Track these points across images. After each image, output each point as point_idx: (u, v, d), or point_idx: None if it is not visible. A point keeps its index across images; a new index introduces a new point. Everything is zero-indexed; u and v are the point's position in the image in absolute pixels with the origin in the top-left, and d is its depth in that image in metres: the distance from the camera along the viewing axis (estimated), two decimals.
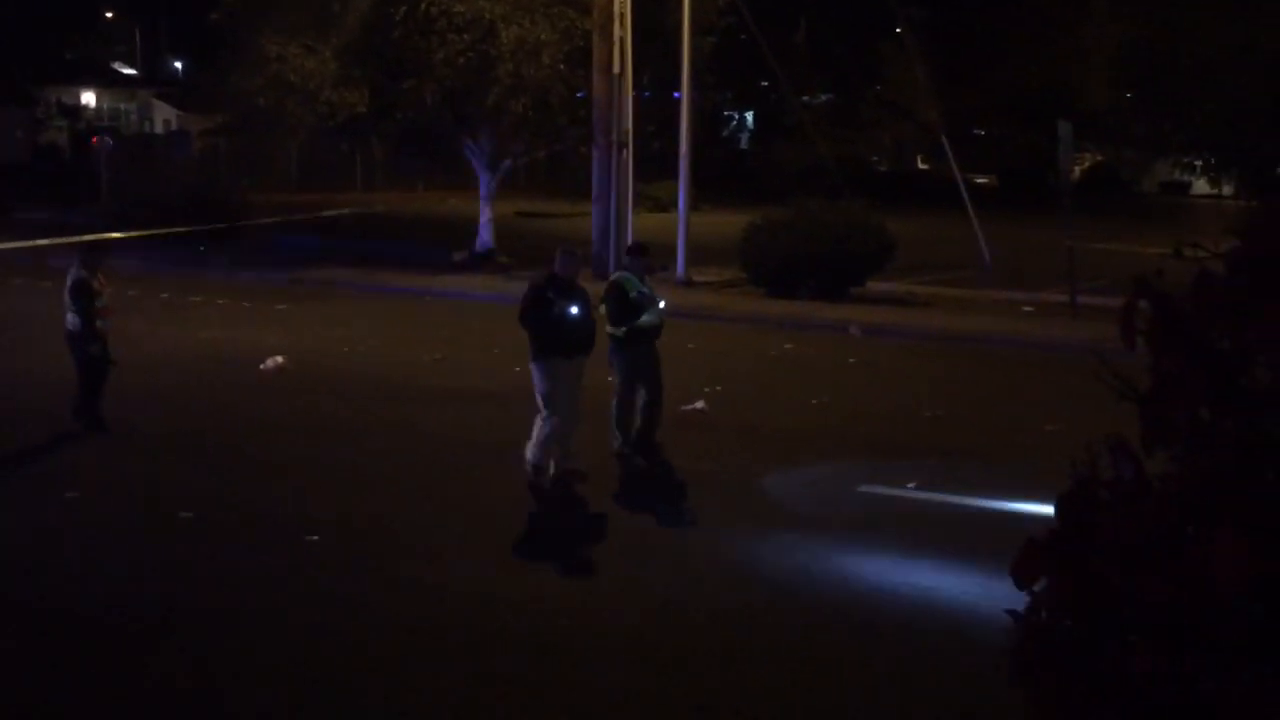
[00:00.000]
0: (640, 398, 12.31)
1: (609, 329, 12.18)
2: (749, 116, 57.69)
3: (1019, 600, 3.13)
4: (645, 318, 12.26)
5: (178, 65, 79.59)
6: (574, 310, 11.31)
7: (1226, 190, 44.62)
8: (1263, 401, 2.83)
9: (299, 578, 8.94)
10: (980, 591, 8.63)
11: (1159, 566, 2.78)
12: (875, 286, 23.52)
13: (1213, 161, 37.82)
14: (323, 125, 27.49)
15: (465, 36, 25.68)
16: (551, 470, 11.26)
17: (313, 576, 8.97)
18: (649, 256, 13.03)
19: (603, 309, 12.17)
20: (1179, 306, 2.99)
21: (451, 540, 9.87)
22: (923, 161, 53.77)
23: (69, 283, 13.05)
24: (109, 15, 79.10)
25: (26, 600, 8.54)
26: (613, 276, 12.81)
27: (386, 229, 32.68)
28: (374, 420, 13.83)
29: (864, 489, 11.34)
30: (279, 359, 16.68)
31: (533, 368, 11.35)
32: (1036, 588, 3.04)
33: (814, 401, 14.99)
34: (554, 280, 11.51)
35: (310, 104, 26.73)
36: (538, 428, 11.26)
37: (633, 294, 12.22)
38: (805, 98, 50.17)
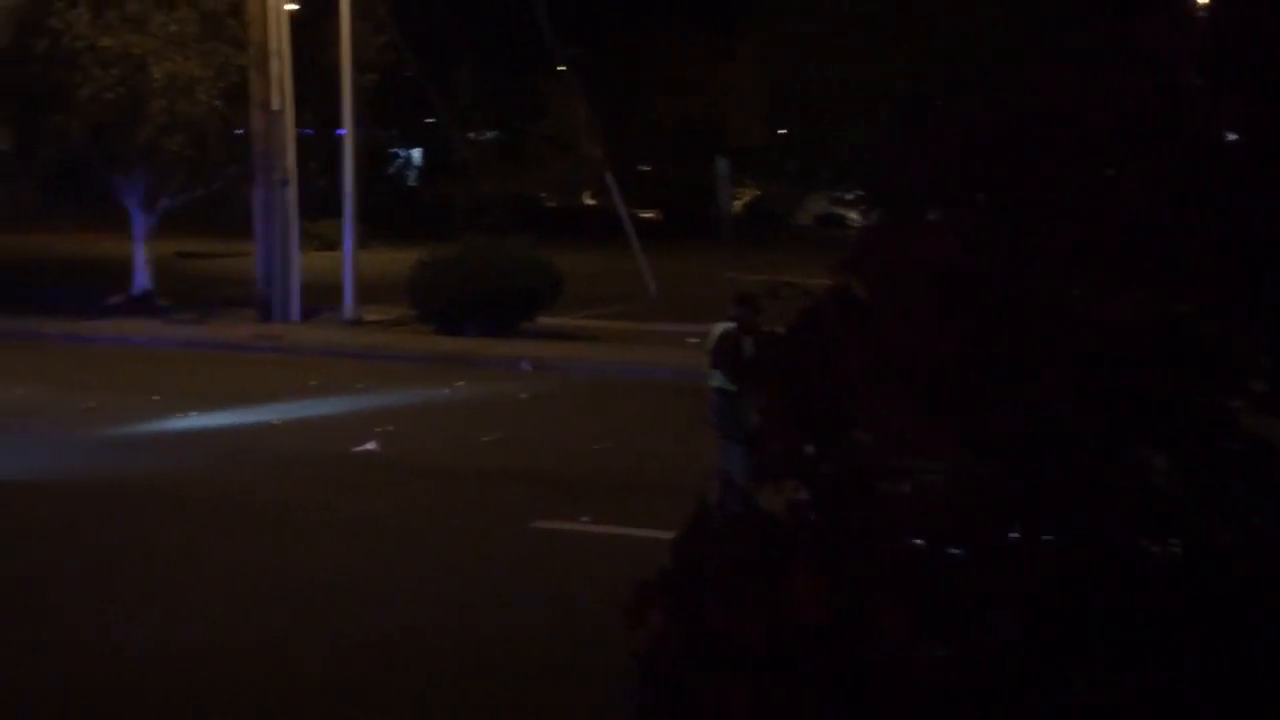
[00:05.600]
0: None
1: (720, 384, 11.50)
2: (416, 154, 57.39)
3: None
4: None
5: None
6: None
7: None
8: (853, 437, 2.92)
9: None
10: None
11: (754, 603, 2.83)
12: (545, 321, 23.70)
13: (863, 195, 39.79)
14: None
15: (113, 71, 24.68)
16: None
17: None
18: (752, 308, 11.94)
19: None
20: (780, 342, 3.07)
21: (119, 602, 9.38)
22: (590, 197, 54.60)
23: None
24: None
25: None
26: (723, 327, 11.88)
27: (36, 272, 31.00)
28: (31, 470, 13.04)
29: (536, 525, 11.35)
30: None
31: None
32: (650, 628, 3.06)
33: (486, 438, 14.96)
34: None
35: None
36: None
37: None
38: (471, 135, 50.30)
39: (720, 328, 11.87)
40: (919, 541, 2.78)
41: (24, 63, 24.97)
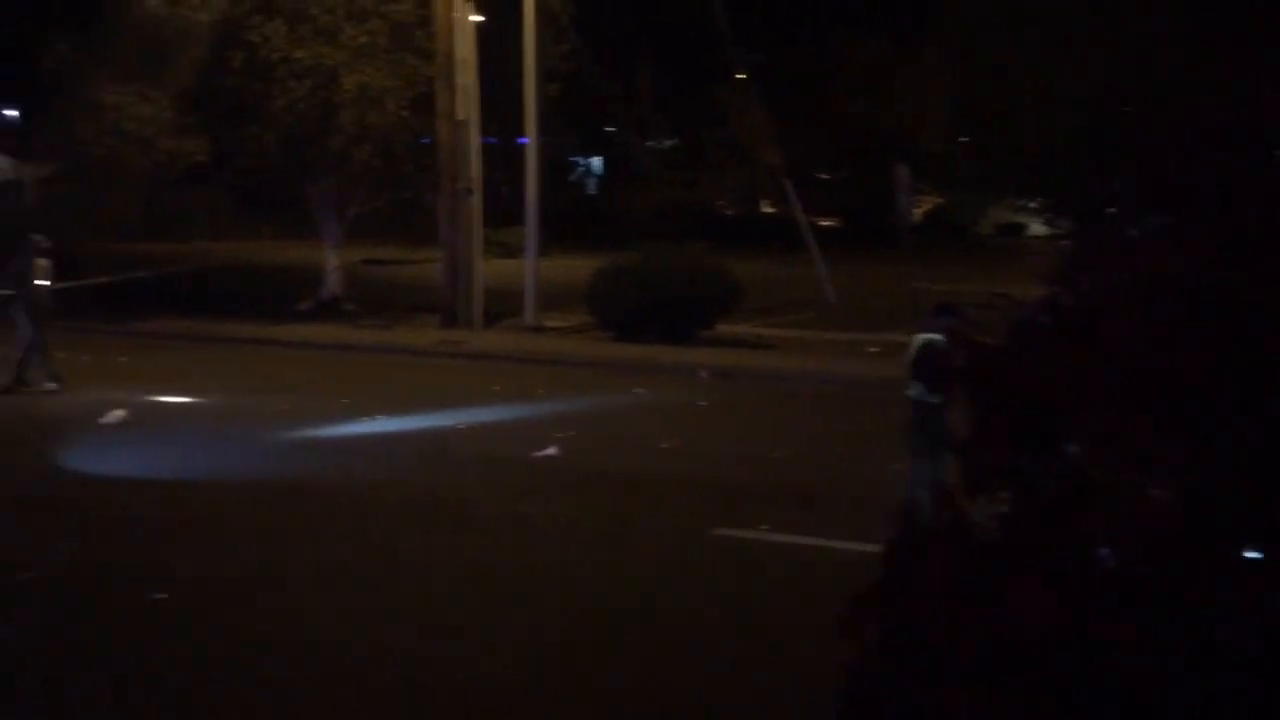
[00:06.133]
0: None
1: (923, 396, 11.26)
2: (596, 162, 57.92)
3: None
4: None
5: (10, 112, 77.54)
6: None
7: (1060, 231, 45.90)
8: (1075, 449, 2.85)
9: (148, 639, 8.64)
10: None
11: (974, 616, 2.77)
12: (723, 329, 23.70)
13: (1047, 203, 38.93)
14: (163, 174, 26.96)
15: (306, 83, 25.40)
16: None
17: (163, 638, 8.68)
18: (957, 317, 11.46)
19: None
20: (994, 354, 3.01)
21: (319, 602, 9.63)
22: (768, 205, 54.46)
23: None
24: None
25: None
26: (925, 338, 11.42)
27: (231, 278, 32.07)
28: (228, 470, 13.48)
29: (714, 532, 11.34)
30: (120, 412, 16.22)
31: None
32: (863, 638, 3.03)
33: (664, 445, 15.00)
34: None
35: (148, 152, 26.22)
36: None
37: None
38: (650, 143, 50.60)
39: (921, 338, 11.54)
40: (1147, 555, 2.70)
41: (221, 76, 25.85)
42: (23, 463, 13.70)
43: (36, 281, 18.05)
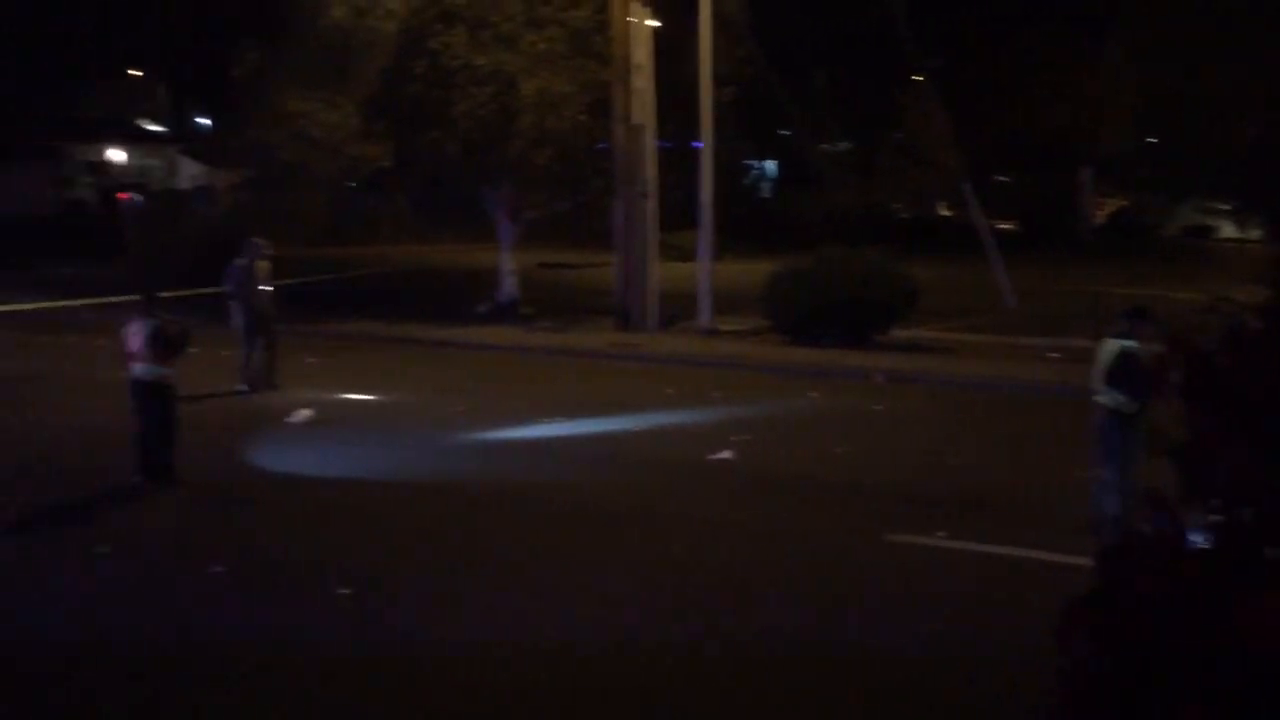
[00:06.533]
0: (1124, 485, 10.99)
1: (1117, 404, 11.01)
2: (770, 165, 57.80)
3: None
4: None
5: (204, 121, 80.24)
6: None
7: (1252, 234, 44.44)
8: None
9: (329, 632, 8.88)
10: (1024, 642, 8.53)
11: (1202, 626, 2.70)
12: (899, 334, 23.46)
13: (1238, 205, 37.73)
14: (347, 180, 27.67)
15: (486, 89, 25.83)
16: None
17: (344, 632, 8.90)
18: (1151, 322, 11.17)
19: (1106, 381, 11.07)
20: (1213, 360, 2.93)
21: (495, 601, 9.79)
22: (945, 208, 53.74)
23: (146, 332, 12.94)
24: (136, 73, 79.88)
25: (51, 651, 8.50)
26: (1121, 345, 11.12)
27: (411, 281, 32.77)
28: (408, 470, 13.79)
29: (891, 538, 11.24)
30: (307, 412, 16.69)
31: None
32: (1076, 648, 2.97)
33: (839, 449, 14.91)
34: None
35: (333, 158, 26.94)
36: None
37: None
38: (825, 146, 50.29)
39: (1115, 345, 11.19)
40: None
41: (404, 83, 26.44)
42: (214, 459, 14.18)
43: (259, 286, 18.54)
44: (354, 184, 27.92)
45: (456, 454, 14.75)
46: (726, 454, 14.46)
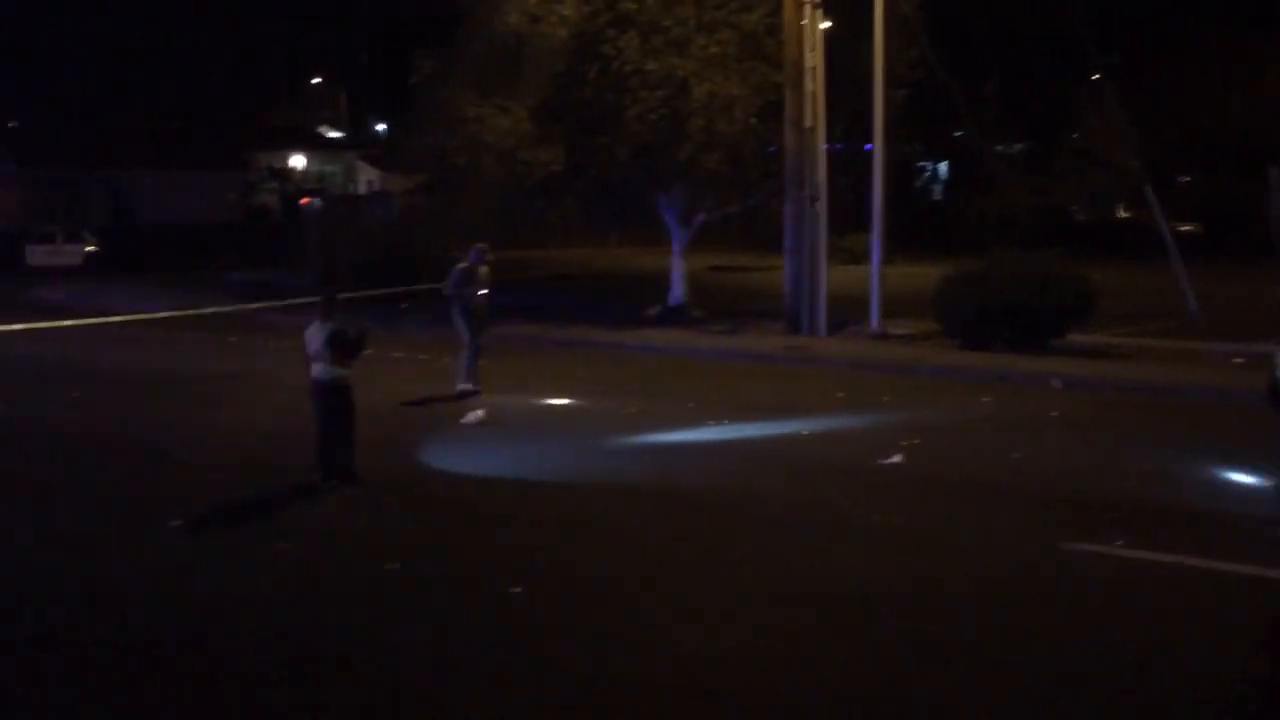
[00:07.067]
0: None
1: None
2: (942, 167, 57.06)
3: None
4: None
5: (380, 127, 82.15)
6: None
7: None
8: None
9: (500, 631, 9.01)
10: (1203, 653, 8.31)
11: None
12: (1076, 338, 22.98)
13: None
14: (518, 184, 28.00)
15: (657, 93, 25.96)
16: None
17: (516, 632, 9.03)
18: None
19: None
20: None
21: (664, 602, 9.85)
22: (1124, 210, 52.44)
23: (325, 334, 13.26)
24: (317, 81, 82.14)
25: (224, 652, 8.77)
26: None
27: (581, 285, 33.11)
28: (581, 470, 13.94)
29: (1067, 546, 11.01)
30: (480, 413, 16.96)
31: None
32: None
33: (1014, 455, 14.66)
34: None
35: (506, 163, 27.30)
36: None
37: None
38: (999, 147, 49.44)
39: None
40: None
41: (577, 88, 26.72)
42: (393, 458, 14.49)
43: (479, 290, 18.88)
44: (527, 188, 28.21)
45: (628, 455, 14.85)
46: (897, 458, 14.32)
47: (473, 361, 18.76)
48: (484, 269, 19.03)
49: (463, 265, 18.94)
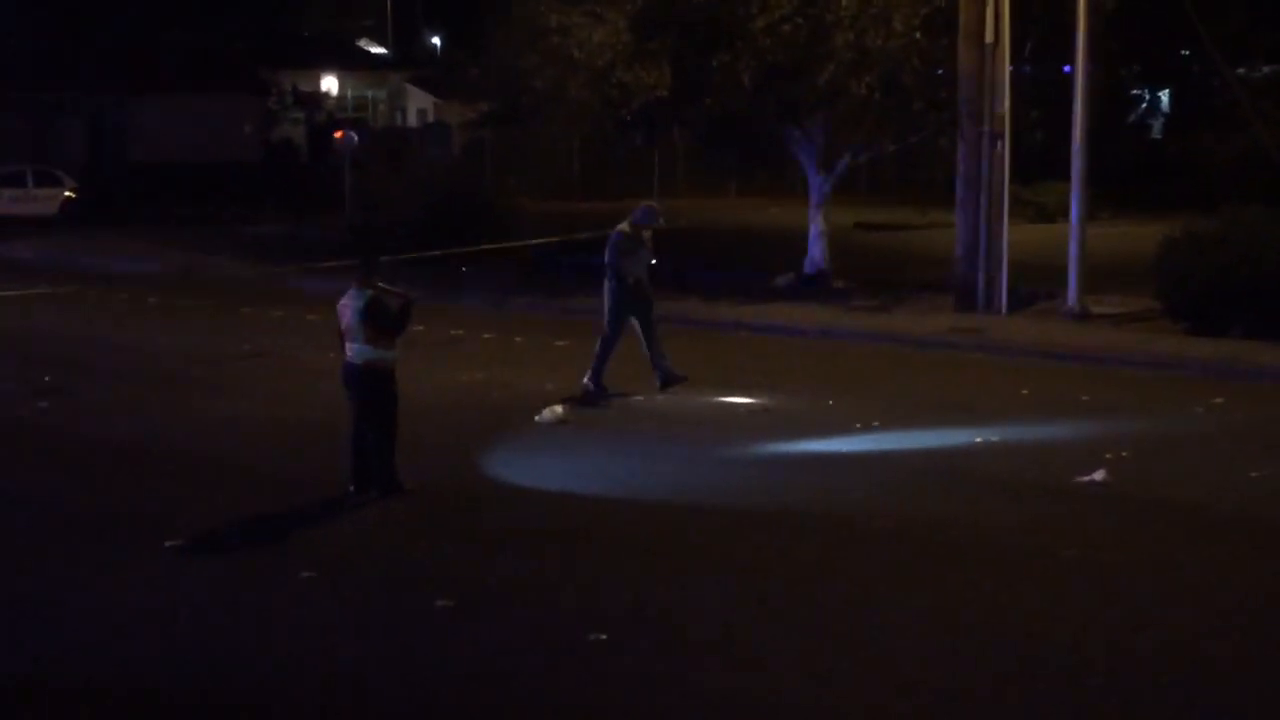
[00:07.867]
0: None
1: None
2: (1164, 97, 56.35)
3: None
4: None
5: (435, 41, 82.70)
6: None
7: None
8: None
9: (578, 685, 9.07)
10: None
11: None
12: None
13: None
14: (612, 114, 28.00)
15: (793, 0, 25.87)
16: None
17: (598, 686, 9.08)
18: None
19: None
20: None
21: (780, 649, 9.86)
22: None
23: (359, 304, 13.22)
24: None
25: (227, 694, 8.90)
26: None
27: (691, 245, 33.08)
28: (676, 489, 13.96)
29: None
30: (559, 409, 17.03)
31: None
32: None
33: (1254, 474, 14.48)
34: None
35: (598, 86, 27.29)
36: None
37: None
38: (1241, 70, 48.62)
39: None
40: None
41: None
42: (450, 465, 14.63)
43: (648, 262, 18.67)
44: (625, 119, 28.15)
45: (745, 467, 14.88)
46: (1100, 475, 14.20)
47: (604, 357, 18.43)
48: (646, 234, 18.80)
49: (623, 228, 18.69)
